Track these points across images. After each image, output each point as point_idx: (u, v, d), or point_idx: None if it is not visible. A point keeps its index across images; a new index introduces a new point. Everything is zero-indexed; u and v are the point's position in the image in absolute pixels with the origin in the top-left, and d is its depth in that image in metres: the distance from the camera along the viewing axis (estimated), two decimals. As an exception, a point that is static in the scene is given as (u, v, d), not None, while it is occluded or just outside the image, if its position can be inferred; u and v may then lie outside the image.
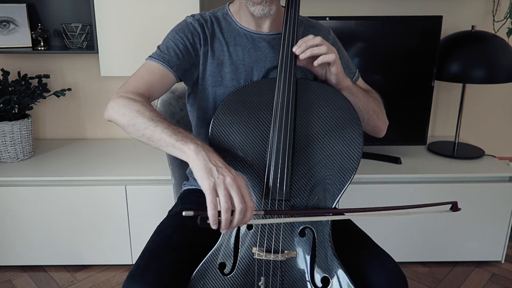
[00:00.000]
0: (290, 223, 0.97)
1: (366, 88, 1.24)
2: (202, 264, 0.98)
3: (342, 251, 0.98)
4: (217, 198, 0.82)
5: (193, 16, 1.16)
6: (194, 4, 1.80)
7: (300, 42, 1.02)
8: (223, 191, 0.81)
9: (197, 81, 1.16)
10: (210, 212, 0.81)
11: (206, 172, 0.83)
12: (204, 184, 0.82)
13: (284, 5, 1.11)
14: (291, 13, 1.07)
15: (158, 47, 1.13)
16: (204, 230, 0.86)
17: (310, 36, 1.01)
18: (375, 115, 1.15)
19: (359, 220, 1.20)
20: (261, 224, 0.97)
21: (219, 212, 0.82)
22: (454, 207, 0.96)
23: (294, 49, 1.02)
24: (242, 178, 0.85)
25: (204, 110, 1.17)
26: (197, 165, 0.84)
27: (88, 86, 2.21)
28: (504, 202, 1.89)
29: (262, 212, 0.91)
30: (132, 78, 1.08)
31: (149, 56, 1.11)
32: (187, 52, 1.12)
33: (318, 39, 1.00)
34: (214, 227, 0.82)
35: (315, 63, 1.01)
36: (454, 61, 1.94)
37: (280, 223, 0.96)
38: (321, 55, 1.00)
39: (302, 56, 1.01)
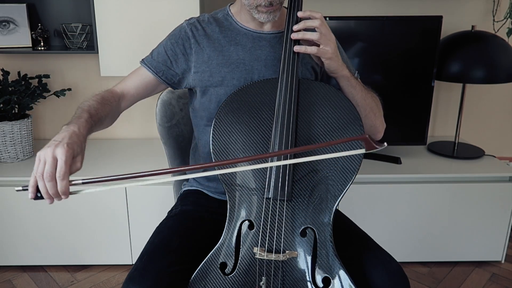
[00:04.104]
0: (291, 223, 0.97)
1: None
2: (203, 263, 0.98)
3: (344, 252, 0.98)
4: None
5: (189, 20, 1.18)
6: (194, 4, 1.80)
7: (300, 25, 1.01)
8: (38, 160, 0.85)
9: (193, 85, 1.17)
10: (30, 179, 0.85)
11: (47, 145, 0.87)
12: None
13: (286, 6, 1.11)
14: (293, 13, 1.06)
15: (152, 52, 1.19)
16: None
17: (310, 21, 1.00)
18: (372, 113, 1.12)
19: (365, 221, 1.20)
20: (263, 224, 0.97)
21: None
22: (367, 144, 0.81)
23: (294, 30, 1.01)
24: (64, 151, 0.84)
25: (208, 110, 1.17)
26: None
27: (88, 86, 2.21)
28: (504, 202, 1.89)
29: (80, 182, 0.88)
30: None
31: (142, 60, 1.19)
32: (176, 58, 1.16)
33: (317, 22, 0.99)
34: (30, 195, 0.84)
35: (310, 51, 1.01)
36: (454, 61, 1.94)
37: (282, 224, 0.96)
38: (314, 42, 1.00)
39: (293, 36, 1.01)
